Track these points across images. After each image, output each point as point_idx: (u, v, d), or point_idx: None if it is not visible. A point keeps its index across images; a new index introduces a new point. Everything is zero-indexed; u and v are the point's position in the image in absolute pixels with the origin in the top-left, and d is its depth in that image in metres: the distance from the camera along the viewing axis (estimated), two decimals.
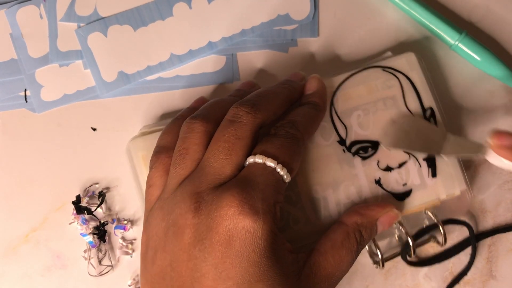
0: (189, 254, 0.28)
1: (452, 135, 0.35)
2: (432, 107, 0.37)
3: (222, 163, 0.30)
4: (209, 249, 0.28)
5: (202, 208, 0.28)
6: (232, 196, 0.28)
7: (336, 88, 0.37)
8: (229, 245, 0.28)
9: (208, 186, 0.29)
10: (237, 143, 0.30)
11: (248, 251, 0.28)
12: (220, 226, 0.28)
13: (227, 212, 0.28)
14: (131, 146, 0.36)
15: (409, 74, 0.37)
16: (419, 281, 0.39)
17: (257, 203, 0.28)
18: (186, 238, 0.28)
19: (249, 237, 0.28)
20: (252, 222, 0.28)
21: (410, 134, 0.35)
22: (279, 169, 0.30)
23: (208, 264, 0.28)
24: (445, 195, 0.36)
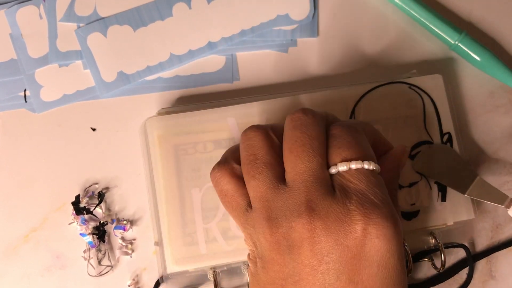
0: (315, 270, 0.27)
1: (481, 179, 0.35)
2: (450, 132, 0.37)
3: (310, 167, 0.28)
4: (340, 263, 0.27)
5: (319, 222, 0.27)
6: (353, 210, 0.27)
7: (359, 97, 0.37)
8: (364, 256, 0.27)
9: (314, 195, 0.28)
10: (314, 143, 0.29)
11: (386, 258, 0.27)
12: (350, 241, 0.27)
13: (355, 227, 0.27)
14: (148, 124, 0.36)
15: (433, 96, 0.37)
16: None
17: (382, 213, 0.27)
18: (306, 252, 0.27)
19: (387, 245, 0.27)
20: (387, 230, 0.27)
21: (442, 164, 0.36)
22: (367, 165, 0.28)
23: (342, 279, 0.27)
24: (452, 221, 0.36)
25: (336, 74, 0.41)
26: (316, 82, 0.40)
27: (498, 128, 0.40)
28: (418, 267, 0.38)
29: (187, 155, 0.36)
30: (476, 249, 0.39)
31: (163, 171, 0.36)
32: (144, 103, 0.40)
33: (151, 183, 0.36)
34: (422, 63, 0.41)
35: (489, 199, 0.35)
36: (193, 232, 0.35)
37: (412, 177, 0.37)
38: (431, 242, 0.37)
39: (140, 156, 0.38)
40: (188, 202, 0.36)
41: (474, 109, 0.40)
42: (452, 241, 0.38)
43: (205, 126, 0.37)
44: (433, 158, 0.36)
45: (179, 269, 0.35)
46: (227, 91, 0.40)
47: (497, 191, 0.35)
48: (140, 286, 0.38)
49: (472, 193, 0.35)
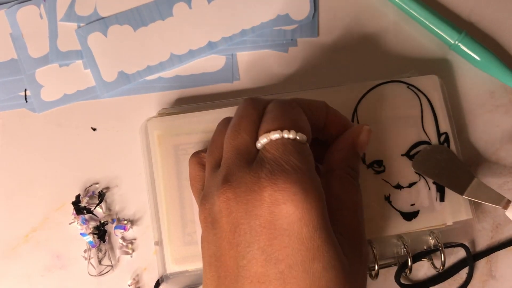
0: (230, 242, 0.27)
1: (478, 180, 0.35)
2: (447, 132, 0.37)
3: (234, 144, 0.29)
4: (251, 233, 0.26)
5: (231, 192, 0.27)
6: (263, 178, 0.26)
7: (362, 95, 0.37)
8: (273, 225, 0.26)
9: (232, 168, 0.28)
10: (242, 122, 0.30)
11: (296, 227, 0.25)
12: (258, 209, 0.26)
13: (262, 194, 0.26)
14: (149, 125, 0.37)
15: (430, 96, 0.38)
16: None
17: (290, 174, 0.26)
18: (223, 225, 0.27)
19: (295, 213, 0.26)
20: (294, 196, 0.26)
21: (440, 165, 0.36)
22: (286, 134, 0.28)
23: (253, 249, 0.26)
24: (451, 222, 0.36)
25: (336, 74, 0.41)
26: (316, 82, 0.40)
27: (498, 128, 0.40)
28: (418, 267, 0.38)
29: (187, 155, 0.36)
30: (476, 249, 0.39)
31: (163, 171, 0.36)
32: (144, 103, 0.40)
33: (151, 183, 0.36)
34: (422, 63, 0.41)
35: (486, 200, 0.35)
36: (193, 232, 0.35)
37: (411, 177, 0.37)
38: (431, 242, 0.37)
39: (140, 156, 0.38)
40: (188, 202, 0.36)
41: (474, 109, 0.40)
42: (452, 241, 0.38)
43: (205, 126, 0.37)
44: (431, 159, 0.36)
45: (179, 269, 0.35)
46: (227, 91, 0.40)
47: (494, 192, 0.35)
48: (141, 286, 0.38)
49: (470, 194, 0.35)
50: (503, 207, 0.35)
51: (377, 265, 0.35)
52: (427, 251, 0.37)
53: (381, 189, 0.36)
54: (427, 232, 0.36)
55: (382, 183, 0.36)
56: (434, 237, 0.36)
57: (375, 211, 0.36)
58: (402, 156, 0.37)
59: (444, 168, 0.36)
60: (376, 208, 0.36)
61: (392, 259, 0.37)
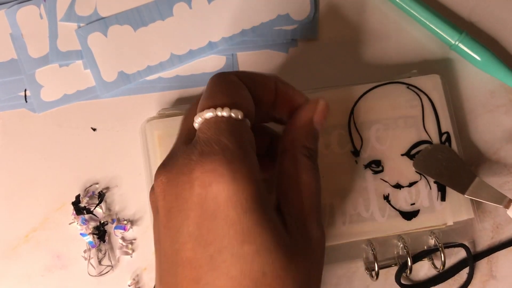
0: (165, 226, 0.26)
1: (480, 179, 0.35)
2: (449, 131, 0.37)
3: (180, 126, 0.29)
4: (181, 217, 0.25)
5: (164, 177, 0.26)
6: (193, 160, 0.25)
7: (358, 98, 0.37)
8: (202, 208, 0.25)
9: (172, 151, 0.28)
10: (193, 105, 0.29)
11: (224, 210, 0.24)
12: (187, 192, 0.25)
13: (191, 177, 0.25)
14: (147, 125, 0.37)
15: (432, 95, 0.38)
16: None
17: (219, 157, 0.25)
18: (160, 210, 0.27)
19: (221, 195, 0.24)
20: (221, 178, 0.24)
21: (441, 164, 0.36)
22: (219, 112, 0.27)
23: (183, 234, 0.25)
24: (452, 222, 0.36)
25: (336, 74, 0.41)
26: (316, 82, 0.40)
27: (498, 127, 0.40)
28: (418, 267, 0.38)
29: None
30: (477, 249, 0.39)
31: None
32: (144, 103, 0.40)
33: (151, 183, 0.36)
34: (423, 63, 0.41)
35: (488, 200, 0.35)
36: None
37: (412, 177, 0.37)
38: (431, 242, 0.37)
39: (140, 156, 0.38)
40: None
41: (475, 109, 0.40)
42: (452, 241, 0.38)
43: None
44: (433, 158, 0.36)
45: None
46: None
47: (496, 192, 0.35)
48: (141, 286, 0.38)
49: (471, 193, 0.35)
50: (505, 206, 0.35)
51: (377, 265, 0.35)
52: (427, 251, 0.37)
53: (380, 189, 0.36)
54: (427, 232, 0.36)
55: (381, 183, 0.36)
56: (434, 237, 0.36)
57: (374, 211, 0.36)
58: (402, 156, 0.37)
59: (446, 168, 0.36)
60: (375, 208, 0.36)
61: (392, 259, 0.37)
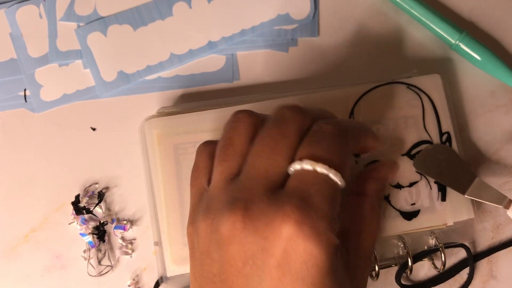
0: (239, 271, 0.26)
1: (480, 180, 0.35)
2: (449, 131, 0.37)
3: (266, 164, 0.27)
4: (263, 270, 0.25)
5: (250, 222, 0.25)
6: (287, 215, 0.25)
7: (359, 98, 0.37)
8: (287, 266, 0.25)
9: (255, 194, 0.26)
10: (281, 141, 0.27)
11: (310, 273, 0.25)
12: (276, 248, 0.25)
13: (283, 233, 0.25)
14: (146, 124, 0.37)
15: (432, 95, 0.37)
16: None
17: (318, 222, 0.25)
18: (232, 253, 0.26)
19: (310, 259, 0.25)
20: (314, 245, 0.25)
21: (441, 164, 0.36)
22: (332, 175, 0.26)
23: (263, 286, 0.25)
24: (452, 222, 0.36)
25: (336, 74, 0.41)
26: (316, 81, 0.40)
27: (498, 127, 0.40)
28: (419, 267, 0.38)
29: (187, 154, 0.36)
30: (477, 249, 0.39)
31: (162, 170, 0.36)
32: (144, 102, 0.40)
33: (150, 183, 0.36)
34: (423, 63, 0.41)
35: (488, 200, 0.35)
36: None
37: (412, 177, 0.37)
38: (431, 242, 0.37)
39: (140, 156, 0.38)
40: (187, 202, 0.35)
41: (475, 109, 0.40)
42: (452, 241, 0.38)
43: (205, 126, 0.37)
44: (433, 158, 0.36)
45: (179, 269, 0.35)
46: (227, 91, 0.40)
47: (496, 192, 0.35)
48: (140, 286, 0.38)
49: (471, 193, 0.35)
50: (505, 207, 0.35)
51: (377, 266, 0.35)
52: (427, 251, 0.37)
53: None
54: (428, 232, 0.36)
55: None
56: (434, 237, 0.36)
57: None
58: (402, 156, 0.37)
59: (446, 168, 0.36)
60: None
61: (392, 259, 0.37)
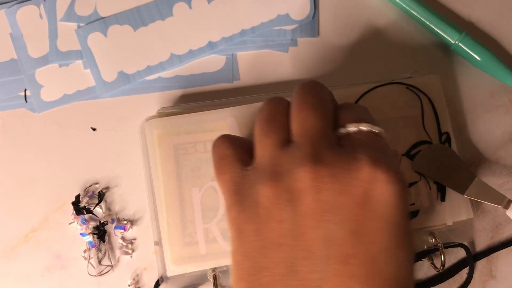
0: (317, 220, 0.25)
1: (479, 180, 0.36)
2: (448, 132, 0.37)
3: (317, 123, 0.28)
4: (342, 212, 0.25)
5: (323, 170, 0.26)
6: (361, 160, 0.26)
7: (359, 98, 0.37)
8: (370, 207, 0.25)
9: (320, 146, 0.27)
10: (324, 105, 0.29)
11: (392, 213, 0.25)
12: (356, 189, 0.25)
13: (361, 176, 0.25)
14: (147, 124, 0.37)
15: (431, 96, 0.37)
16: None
17: (390, 164, 0.26)
18: (310, 203, 0.25)
19: (392, 198, 0.25)
20: (392, 183, 0.25)
21: (441, 164, 0.36)
22: (376, 130, 0.28)
23: (344, 230, 0.25)
24: (452, 222, 0.36)
25: (336, 74, 0.41)
26: None
27: (498, 128, 0.40)
28: (418, 267, 0.38)
29: (187, 154, 0.36)
30: (476, 249, 0.39)
31: (162, 171, 0.36)
32: (144, 103, 0.40)
33: (150, 183, 0.36)
34: (422, 63, 0.41)
35: (487, 200, 0.35)
36: (193, 232, 0.35)
37: (411, 177, 0.37)
38: (431, 242, 0.37)
39: (140, 156, 0.38)
40: (188, 202, 0.36)
41: (474, 109, 0.40)
42: (452, 241, 0.38)
43: (205, 126, 0.37)
44: (433, 158, 0.36)
45: (179, 269, 0.35)
46: (227, 91, 0.40)
47: (496, 192, 0.35)
48: (141, 286, 0.38)
49: (471, 193, 0.35)
50: (504, 207, 0.35)
51: None
52: (427, 251, 0.37)
53: None
54: (427, 232, 0.36)
55: None
56: (434, 237, 0.36)
57: None
58: (402, 156, 0.37)
59: (445, 168, 0.36)
60: None
61: None
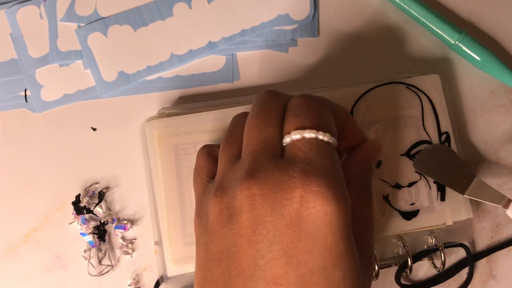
0: (249, 240, 0.26)
1: (479, 180, 0.35)
2: (448, 131, 0.37)
3: (261, 136, 0.28)
4: (273, 233, 0.25)
5: (257, 188, 0.26)
6: (293, 177, 0.25)
7: (358, 97, 0.37)
8: (299, 227, 0.25)
9: (259, 162, 0.27)
10: (268, 115, 0.28)
11: (323, 233, 0.25)
12: (286, 208, 0.25)
13: (292, 194, 0.25)
14: (147, 125, 0.37)
15: (431, 95, 0.38)
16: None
17: (324, 178, 0.25)
18: (243, 221, 0.26)
19: (323, 218, 0.25)
20: (325, 200, 0.25)
21: (441, 164, 0.36)
22: (321, 136, 0.27)
23: (274, 250, 0.25)
24: (452, 221, 0.36)
25: (336, 74, 0.41)
26: (316, 82, 0.40)
27: (498, 128, 0.40)
28: (418, 267, 0.38)
29: (187, 155, 0.36)
30: (476, 249, 0.39)
31: (163, 171, 0.36)
32: (144, 103, 0.40)
33: (151, 183, 0.36)
34: (422, 63, 0.41)
35: (487, 199, 0.35)
36: (193, 232, 0.35)
37: (411, 177, 0.37)
38: (431, 242, 0.37)
39: (140, 156, 0.38)
40: (188, 202, 0.36)
41: (474, 109, 0.40)
42: (452, 240, 0.38)
43: (205, 126, 0.37)
44: (432, 158, 0.36)
45: (179, 269, 0.35)
46: (227, 91, 0.40)
47: (495, 192, 0.35)
48: (141, 286, 0.38)
49: (471, 193, 0.35)
50: (504, 206, 0.35)
51: (377, 265, 0.35)
52: (427, 251, 0.37)
53: (379, 189, 0.36)
54: (427, 232, 0.36)
55: (380, 183, 0.36)
56: (434, 237, 0.36)
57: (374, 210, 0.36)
58: (402, 156, 0.37)
59: (445, 168, 0.36)
60: (374, 209, 0.36)
61: (392, 259, 0.37)
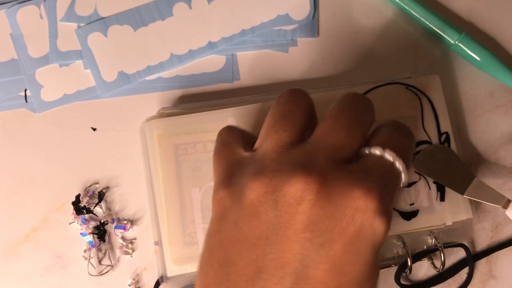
0: (297, 235, 0.25)
1: (479, 180, 0.35)
2: (448, 132, 0.37)
3: (343, 142, 0.27)
4: (327, 238, 0.25)
5: (324, 187, 0.25)
6: (367, 189, 0.25)
7: None
8: (354, 241, 0.25)
9: (327, 161, 0.26)
10: (358, 127, 0.27)
11: (368, 251, 0.25)
12: (347, 218, 0.25)
13: (359, 204, 0.25)
14: (147, 125, 0.37)
15: (431, 96, 0.37)
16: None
17: (388, 203, 0.26)
18: (297, 214, 0.25)
19: (373, 237, 0.25)
20: (382, 223, 0.25)
21: (441, 164, 0.36)
22: (400, 166, 0.27)
23: (322, 255, 0.25)
24: (451, 222, 0.36)
25: (336, 74, 0.41)
26: (316, 82, 0.40)
27: (497, 128, 0.40)
28: (418, 267, 0.38)
29: (187, 155, 0.36)
30: (476, 249, 0.39)
31: (163, 171, 0.36)
32: (144, 103, 0.40)
33: (150, 183, 0.36)
34: (422, 63, 0.41)
35: (486, 200, 0.35)
36: (193, 232, 0.35)
37: (411, 177, 0.37)
38: (430, 242, 0.37)
39: (140, 156, 0.38)
40: (188, 202, 0.36)
41: (474, 109, 0.40)
42: (451, 241, 0.38)
43: (205, 126, 0.37)
44: (432, 158, 0.36)
45: (179, 269, 0.35)
46: (227, 91, 0.40)
47: (495, 192, 0.35)
48: (141, 286, 0.38)
49: (470, 193, 0.35)
50: (504, 207, 0.35)
51: None
52: (427, 251, 0.37)
53: None
54: (427, 232, 0.36)
55: None
56: (433, 237, 0.36)
57: None
58: None
59: (445, 168, 0.36)
60: None
61: (391, 259, 0.37)
